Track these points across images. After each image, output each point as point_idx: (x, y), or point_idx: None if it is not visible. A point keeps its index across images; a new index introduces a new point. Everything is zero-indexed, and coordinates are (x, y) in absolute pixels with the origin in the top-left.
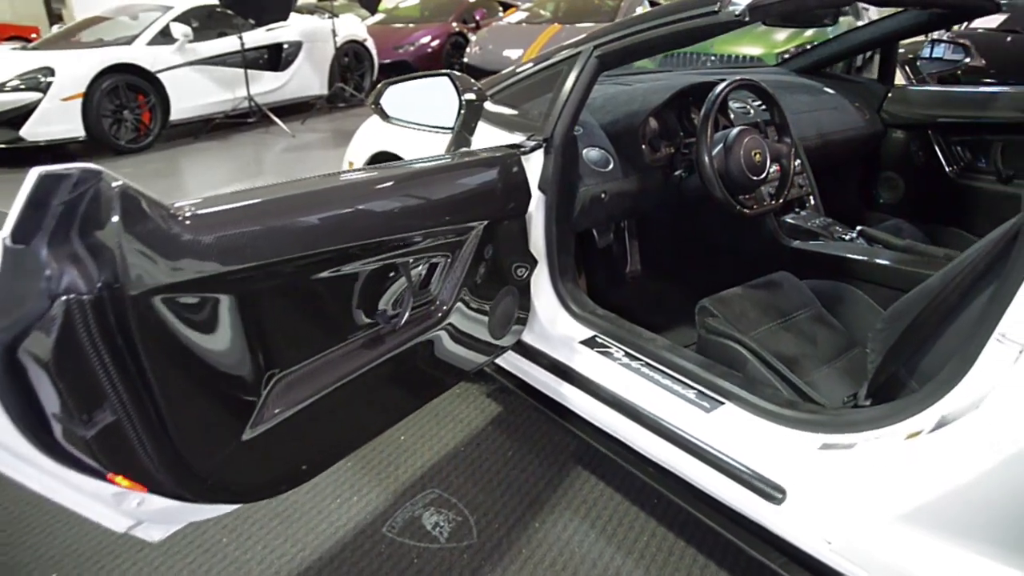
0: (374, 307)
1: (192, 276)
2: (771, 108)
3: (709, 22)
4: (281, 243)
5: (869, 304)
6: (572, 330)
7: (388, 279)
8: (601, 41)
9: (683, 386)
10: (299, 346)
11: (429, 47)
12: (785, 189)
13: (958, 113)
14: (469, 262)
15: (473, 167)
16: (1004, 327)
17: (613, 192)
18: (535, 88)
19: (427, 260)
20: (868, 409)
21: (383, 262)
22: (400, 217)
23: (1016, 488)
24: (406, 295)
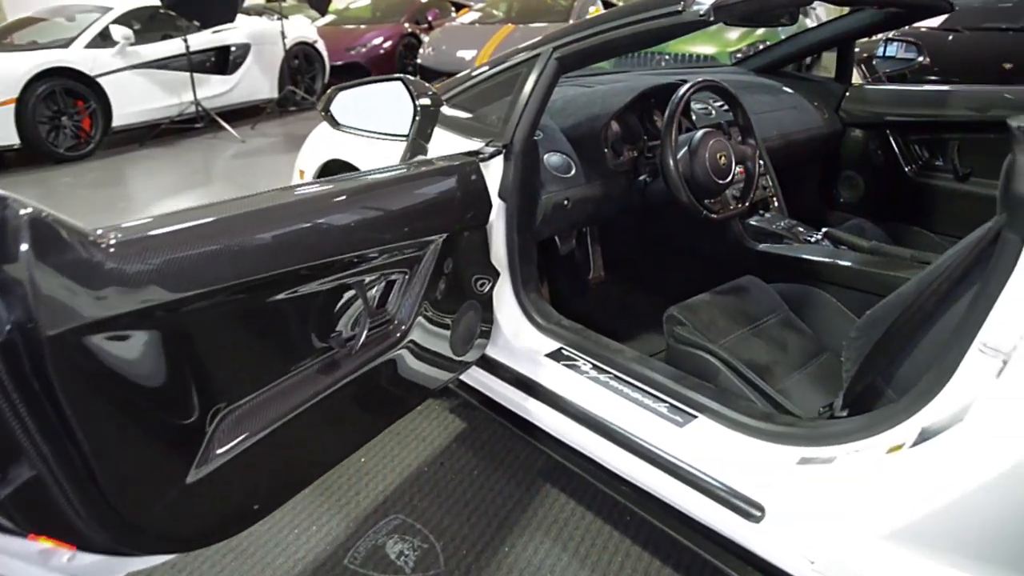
0: (328, 330)
1: (119, 310)
2: (734, 109)
3: (673, 22)
4: (221, 269)
5: (837, 307)
6: (537, 343)
7: (342, 300)
8: (561, 42)
9: (654, 399)
10: (247, 377)
11: (381, 48)
12: (751, 192)
13: (914, 112)
14: (428, 277)
15: (430, 177)
16: (986, 336)
17: (576, 199)
18: (493, 92)
19: (384, 277)
20: (846, 421)
21: (336, 282)
22: (353, 234)
23: (1004, 506)
24: (362, 316)
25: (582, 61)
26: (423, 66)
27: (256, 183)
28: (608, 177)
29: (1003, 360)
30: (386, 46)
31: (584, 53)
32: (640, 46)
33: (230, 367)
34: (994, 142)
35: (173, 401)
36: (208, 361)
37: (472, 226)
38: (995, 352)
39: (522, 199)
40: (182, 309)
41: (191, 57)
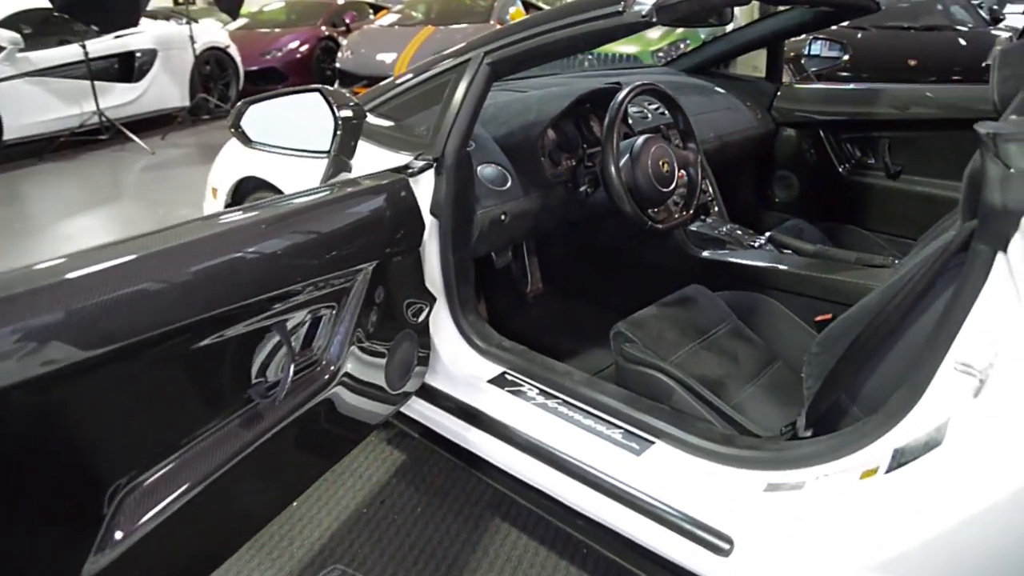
0: (247, 381)
1: None
2: (674, 113)
3: (614, 24)
4: (109, 325)
5: (784, 313)
6: (478, 368)
7: (261, 346)
8: (492, 47)
9: (607, 426)
10: (150, 446)
11: (298, 52)
12: (694, 198)
13: (845, 110)
14: (358, 310)
15: (355, 198)
16: (959, 353)
17: (514, 213)
18: (420, 101)
19: (308, 315)
20: (812, 442)
21: (254, 326)
22: (270, 270)
23: (993, 541)
24: (285, 362)
25: (516, 66)
26: (342, 70)
27: (169, 197)
28: (546, 188)
29: (980, 379)
30: (303, 50)
31: (518, 58)
32: (577, 49)
33: (130, 437)
34: (922, 140)
35: (59, 485)
36: (101, 434)
37: (404, 249)
38: (970, 370)
39: (456, 216)
40: (60, 378)
41: (91, 64)
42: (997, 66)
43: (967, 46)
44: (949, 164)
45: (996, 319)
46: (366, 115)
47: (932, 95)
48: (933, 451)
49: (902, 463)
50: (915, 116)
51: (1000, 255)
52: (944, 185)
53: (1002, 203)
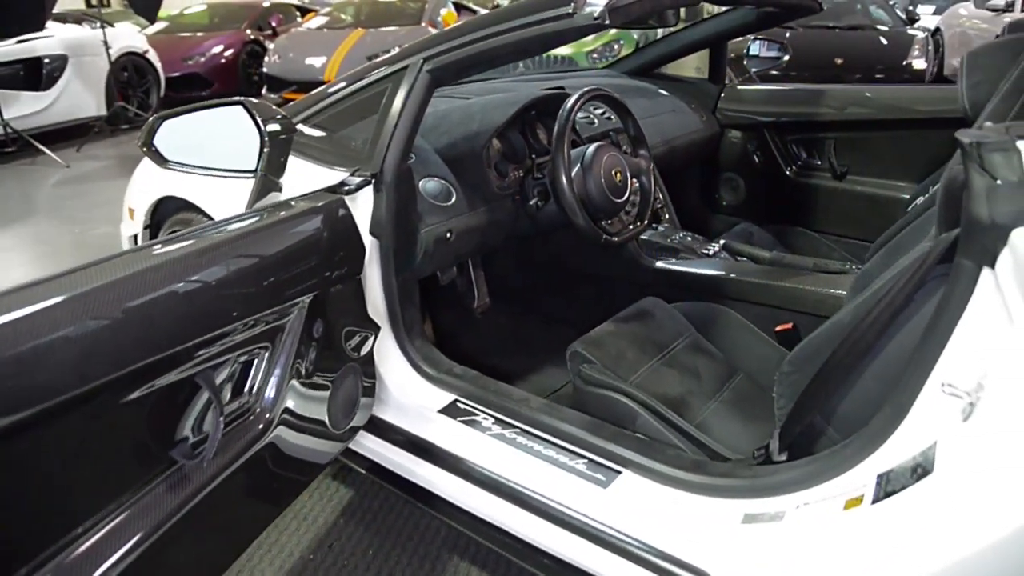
0: (169, 442)
1: None
2: (624, 118)
3: (564, 27)
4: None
5: (743, 324)
6: (427, 397)
7: (185, 400)
8: (432, 52)
9: (570, 456)
10: (59, 524)
11: (222, 57)
12: (648, 208)
13: (789, 111)
14: (296, 349)
15: (287, 224)
16: (944, 374)
17: (460, 229)
18: (355, 111)
19: (239, 359)
20: (788, 468)
21: (174, 379)
22: (191, 315)
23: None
24: (213, 416)
25: (458, 73)
26: (270, 75)
27: (87, 214)
28: (494, 202)
29: (969, 402)
30: (227, 55)
31: (460, 64)
32: (525, 54)
33: (31, 517)
34: (865, 140)
35: None
36: None
37: (344, 276)
38: (956, 391)
39: (399, 235)
40: None
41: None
42: (966, 71)
43: (888, 45)
44: (892, 164)
45: (984, 339)
46: (295, 129)
47: (871, 95)
48: (924, 480)
49: (890, 492)
50: (858, 117)
51: (987, 271)
52: (888, 185)
53: (989, 216)
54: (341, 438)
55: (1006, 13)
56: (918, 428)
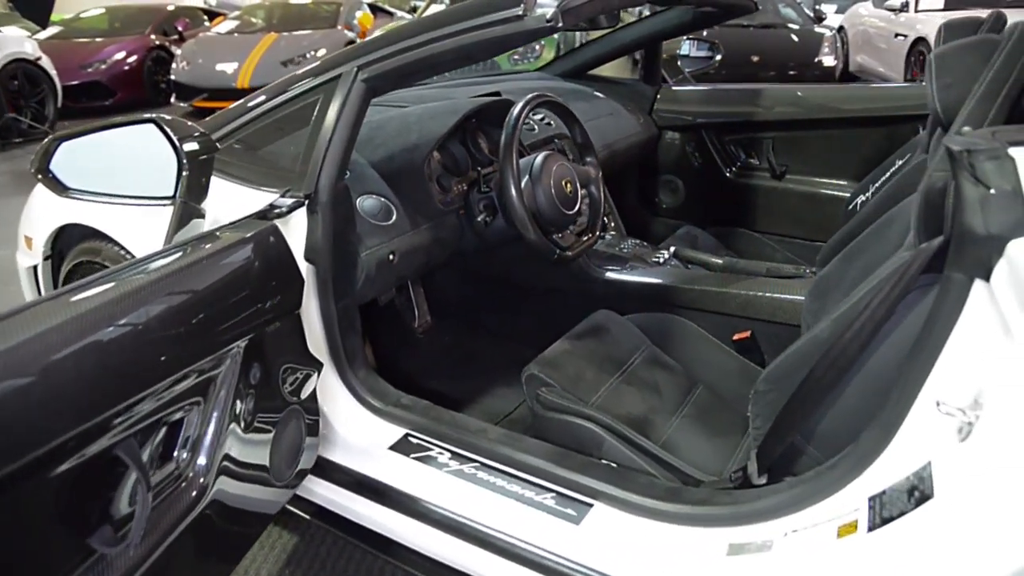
0: (88, 528)
1: None
2: (571, 125)
3: (514, 30)
4: None
5: (698, 333)
6: (375, 433)
7: (105, 477)
8: (367, 60)
9: (536, 490)
10: None
11: (126, 64)
12: (599, 219)
13: (727, 111)
14: (231, 401)
15: (215, 258)
16: (936, 391)
17: (403, 250)
18: (283, 125)
19: (166, 420)
20: (771, 492)
21: (90, 455)
22: (108, 378)
23: None
24: (139, 492)
25: (396, 82)
26: (179, 83)
27: None
28: (437, 218)
29: (967, 420)
30: (131, 61)
31: (399, 72)
32: (470, 60)
33: None
34: (801, 139)
35: None
36: None
37: (281, 312)
38: (950, 409)
39: (338, 260)
40: None
41: None
42: (935, 73)
43: (799, 42)
44: (829, 163)
45: (978, 354)
46: (216, 147)
47: (803, 94)
48: (925, 506)
49: (887, 519)
50: (794, 116)
51: (979, 283)
52: (826, 184)
53: (983, 227)
54: (288, 485)
55: (902, 13)
56: (909, 448)
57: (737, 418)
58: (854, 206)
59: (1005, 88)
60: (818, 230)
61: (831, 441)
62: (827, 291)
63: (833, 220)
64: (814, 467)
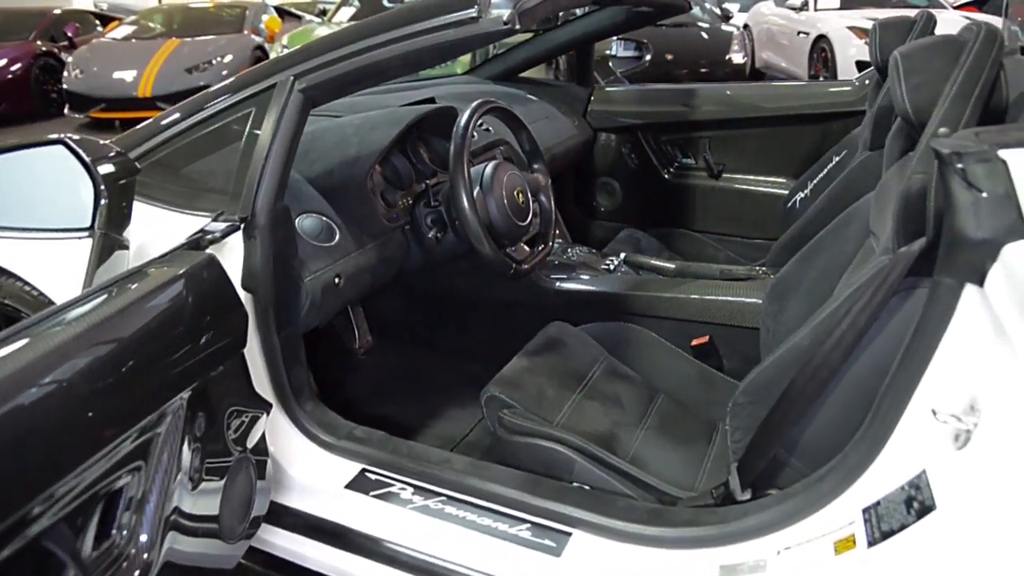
0: None
1: None
2: (518, 131)
3: (468, 33)
4: None
5: (655, 340)
6: (330, 471)
7: (31, 570)
8: (304, 68)
9: (510, 522)
10: None
11: (9, 72)
12: (551, 228)
13: (661, 111)
14: (175, 461)
15: (148, 301)
16: (929, 398)
17: (349, 273)
18: (211, 141)
19: (101, 495)
20: (759, 508)
21: (10, 552)
22: (28, 463)
23: None
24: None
25: (338, 91)
26: (72, 92)
27: None
28: (383, 236)
29: (964, 428)
30: (15, 70)
31: (341, 80)
32: (420, 66)
33: None
34: (735, 138)
35: None
36: None
37: (228, 355)
38: (944, 416)
39: (279, 287)
40: None
41: None
42: (903, 74)
43: (710, 40)
44: (765, 161)
45: (972, 360)
46: (137, 168)
47: (731, 92)
48: (928, 518)
49: (887, 532)
50: (729, 115)
51: (970, 287)
52: (763, 182)
53: (976, 231)
54: (243, 536)
55: (803, 11)
56: (902, 456)
57: (700, 425)
58: (793, 203)
59: (977, 89)
60: (757, 228)
61: (814, 452)
62: (786, 293)
63: (771, 217)
64: (797, 480)
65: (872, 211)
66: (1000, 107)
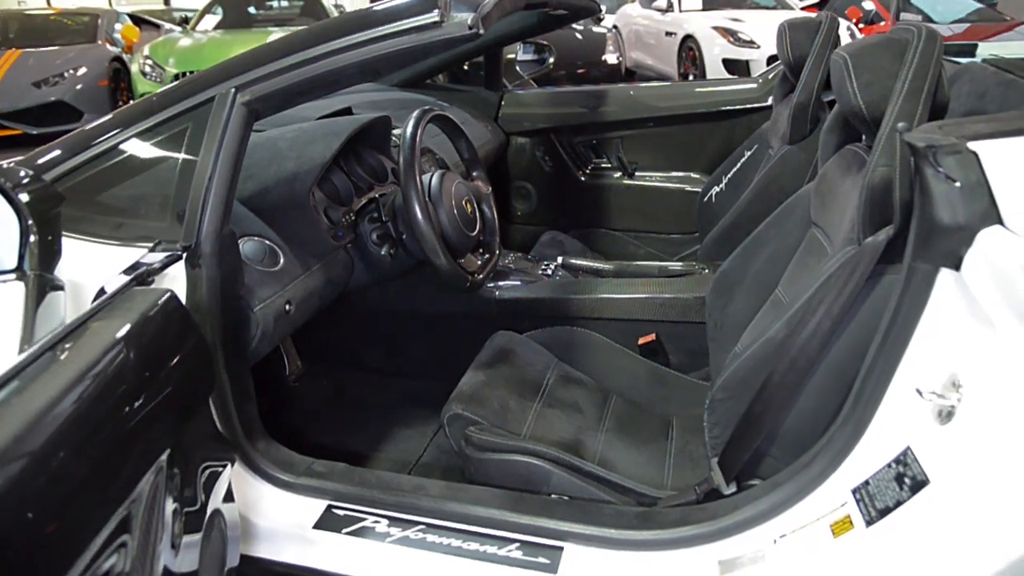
0: None
1: None
2: (456, 139)
3: (430, 38)
4: None
5: (602, 342)
6: (293, 513)
7: None
8: (247, 79)
9: (498, 544)
10: None
11: None
12: (495, 237)
13: (572, 112)
14: (160, 523)
15: (109, 360)
16: (911, 379)
17: (299, 298)
18: (139, 163)
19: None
20: (749, 500)
21: None
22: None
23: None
24: None
25: (284, 102)
26: None
27: None
28: (327, 255)
29: (947, 404)
30: None
31: (289, 92)
32: (373, 75)
33: None
34: (649, 137)
35: None
36: None
37: (198, 404)
38: (927, 394)
39: (228, 320)
40: None
41: None
42: (853, 72)
43: (584, 42)
44: (674, 158)
45: (951, 341)
46: (61, 197)
47: (635, 93)
48: (923, 492)
49: (884, 510)
50: (636, 115)
51: (944, 272)
52: (675, 178)
53: (952, 219)
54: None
55: (668, 12)
56: (885, 436)
57: (656, 422)
58: (709, 197)
59: (926, 85)
60: (673, 223)
61: (794, 440)
62: (731, 286)
63: (685, 213)
64: (778, 469)
65: (813, 203)
66: (943, 102)
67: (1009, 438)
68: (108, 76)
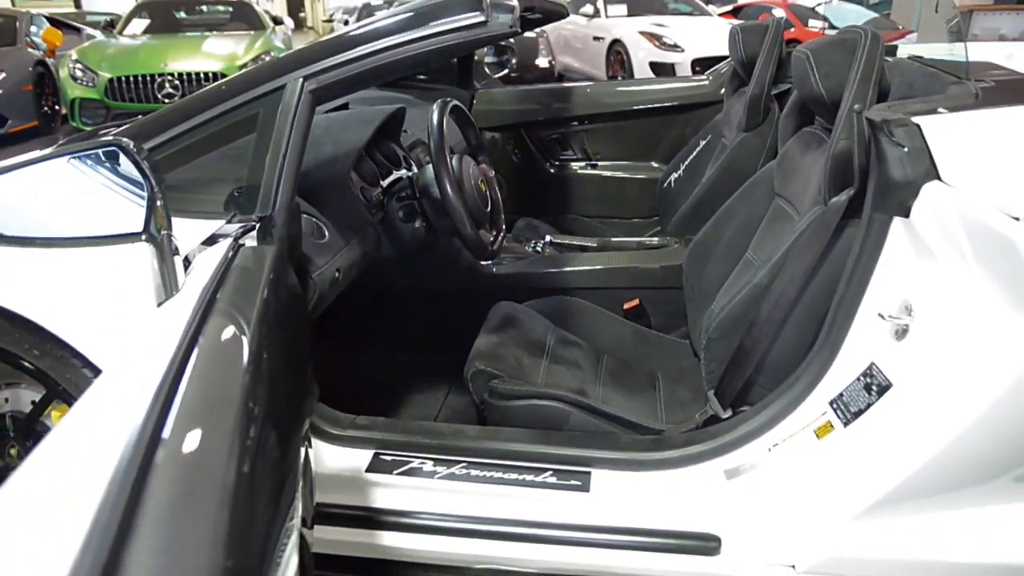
0: None
1: None
2: (466, 128)
3: (477, 35)
4: None
5: (593, 309)
6: (344, 461)
7: None
8: (314, 70)
9: (534, 472)
10: None
11: None
12: (502, 215)
13: (540, 108)
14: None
15: (265, 311)
16: (873, 307)
17: (345, 267)
18: (211, 142)
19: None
20: (746, 420)
21: None
22: None
23: (974, 445)
24: None
25: (342, 92)
26: None
27: None
28: (364, 231)
29: (901, 324)
30: None
31: (349, 81)
32: (422, 67)
33: None
34: (611, 130)
35: None
36: None
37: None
38: (887, 317)
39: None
40: None
41: None
42: (815, 65)
43: (516, 46)
44: (635, 148)
45: (903, 274)
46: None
47: (590, 91)
48: (888, 394)
49: (857, 412)
50: (598, 110)
51: (897, 220)
52: (635, 167)
53: (903, 176)
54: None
55: (595, 18)
56: (854, 355)
57: (644, 376)
58: (669, 183)
59: (874, 75)
60: (634, 208)
61: (776, 370)
62: (705, 253)
63: (645, 199)
64: (764, 396)
65: (776, 177)
66: (886, 89)
67: (951, 345)
68: (33, 81)
